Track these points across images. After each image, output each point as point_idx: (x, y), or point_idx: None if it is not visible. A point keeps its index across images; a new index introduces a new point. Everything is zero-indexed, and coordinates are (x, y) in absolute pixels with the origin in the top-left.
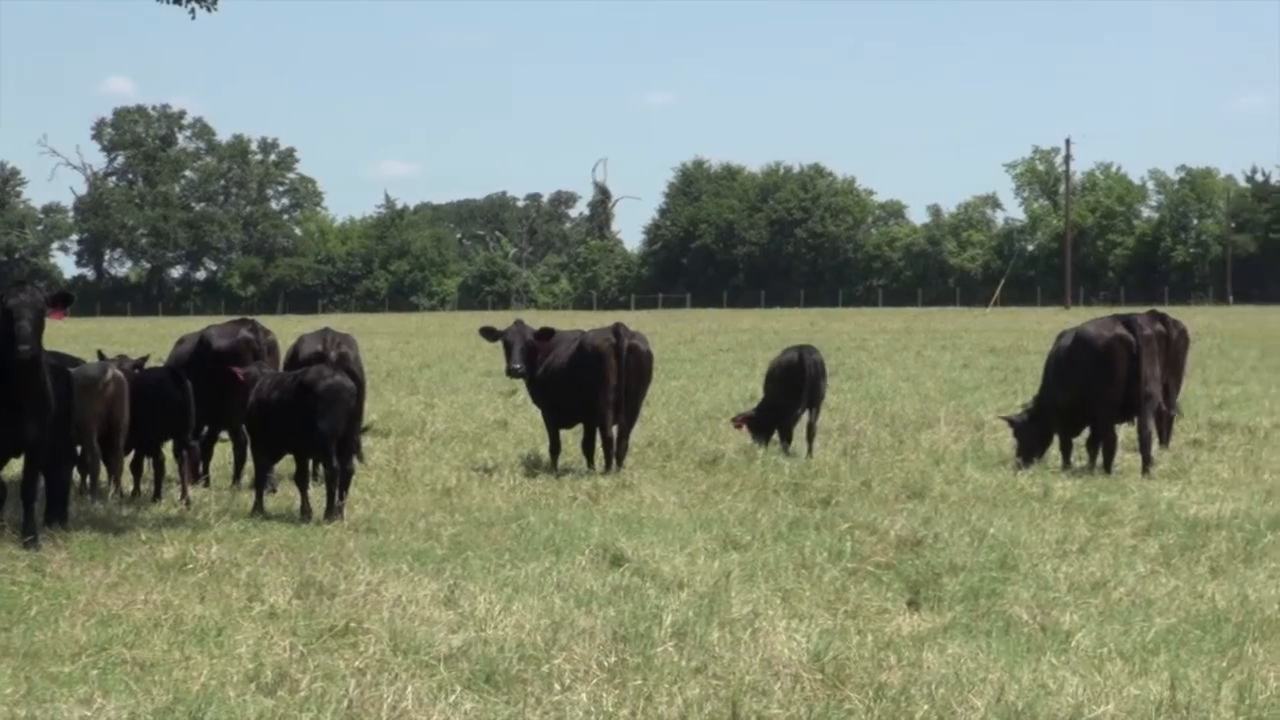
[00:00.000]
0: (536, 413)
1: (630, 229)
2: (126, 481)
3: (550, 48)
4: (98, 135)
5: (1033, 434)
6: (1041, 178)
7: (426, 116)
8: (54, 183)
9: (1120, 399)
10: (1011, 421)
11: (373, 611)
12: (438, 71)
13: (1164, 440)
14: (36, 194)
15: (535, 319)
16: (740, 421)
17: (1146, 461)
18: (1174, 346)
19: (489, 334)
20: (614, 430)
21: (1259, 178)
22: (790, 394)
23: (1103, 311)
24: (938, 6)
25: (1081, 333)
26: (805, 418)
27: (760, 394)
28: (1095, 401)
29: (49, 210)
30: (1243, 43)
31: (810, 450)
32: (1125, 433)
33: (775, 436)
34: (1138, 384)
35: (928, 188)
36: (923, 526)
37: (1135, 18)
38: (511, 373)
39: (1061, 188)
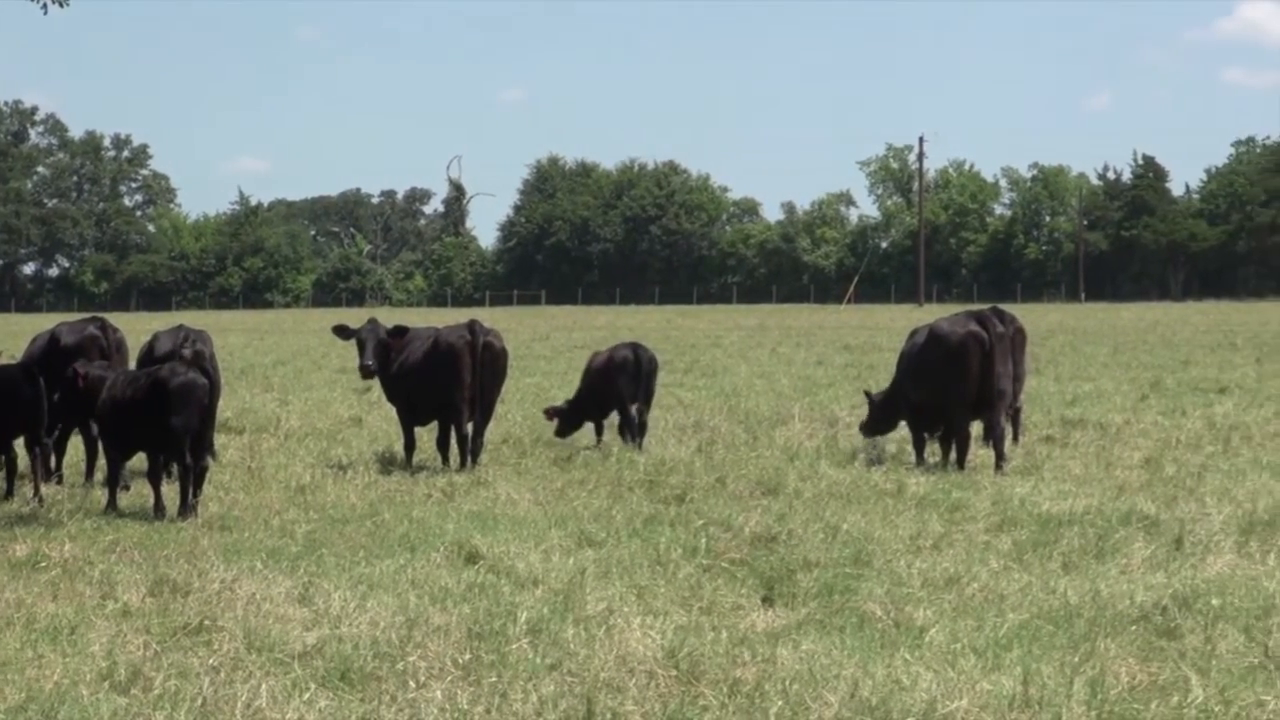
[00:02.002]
0: (392, 410)
1: (485, 226)
2: None
3: (404, 43)
4: None
5: (885, 411)
6: (895, 175)
7: (280, 113)
8: None
9: (973, 396)
10: (870, 395)
11: (227, 609)
12: (292, 68)
13: (1015, 437)
14: None
15: (390, 316)
16: (552, 414)
17: (999, 458)
18: (1011, 344)
19: (342, 332)
20: (469, 427)
21: (1110, 175)
22: (624, 390)
23: (956, 309)
24: (791, 3)
25: (934, 329)
26: (636, 414)
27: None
28: (948, 398)
29: None
30: (1094, 41)
31: (640, 445)
32: (978, 429)
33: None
34: (990, 381)
35: (782, 185)
36: (777, 523)
37: (987, 16)
38: (364, 371)
39: (915, 185)
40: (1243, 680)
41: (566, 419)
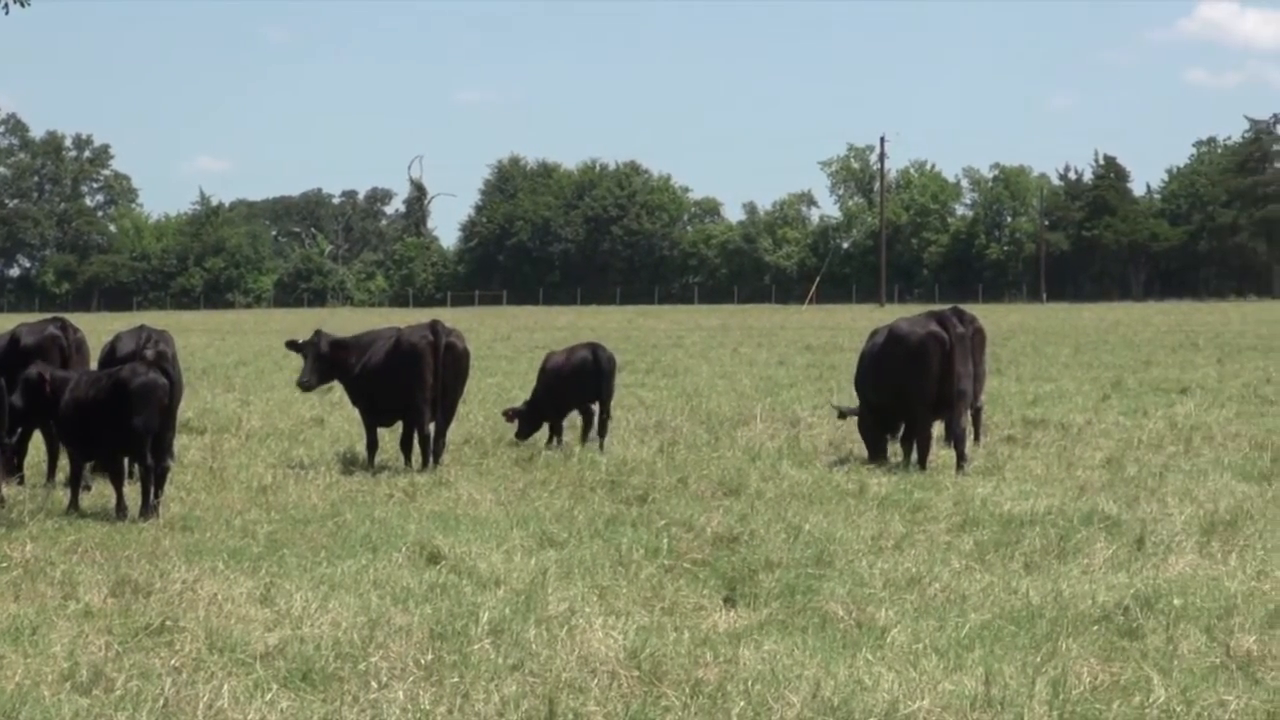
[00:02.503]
0: (355, 411)
1: (446, 226)
2: None
3: (365, 43)
4: None
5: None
6: (856, 175)
7: (242, 113)
8: None
9: (934, 396)
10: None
11: (188, 610)
12: (253, 68)
13: (976, 437)
14: None
15: (351, 317)
16: (511, 415)
17: (961, 458)
18: (971, 344)
19: (293, 346)
20: (431, 428)
21: (1071, 176)
22: (584, 391)
23: (918, 309)
24: (752, 4)
25: (894, 329)
26: (597, 413)
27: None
28: (909, 398)
29: None
30: (1056, 42)
31: (601, 445)
32: (940, 429)
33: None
34: (950, 381)
35: (743, 185)
36: (739, 523)
37: (949, 15)
38: (301, 386)
39: (876, 185)
40: (1204, 680)
41: (525, 420)
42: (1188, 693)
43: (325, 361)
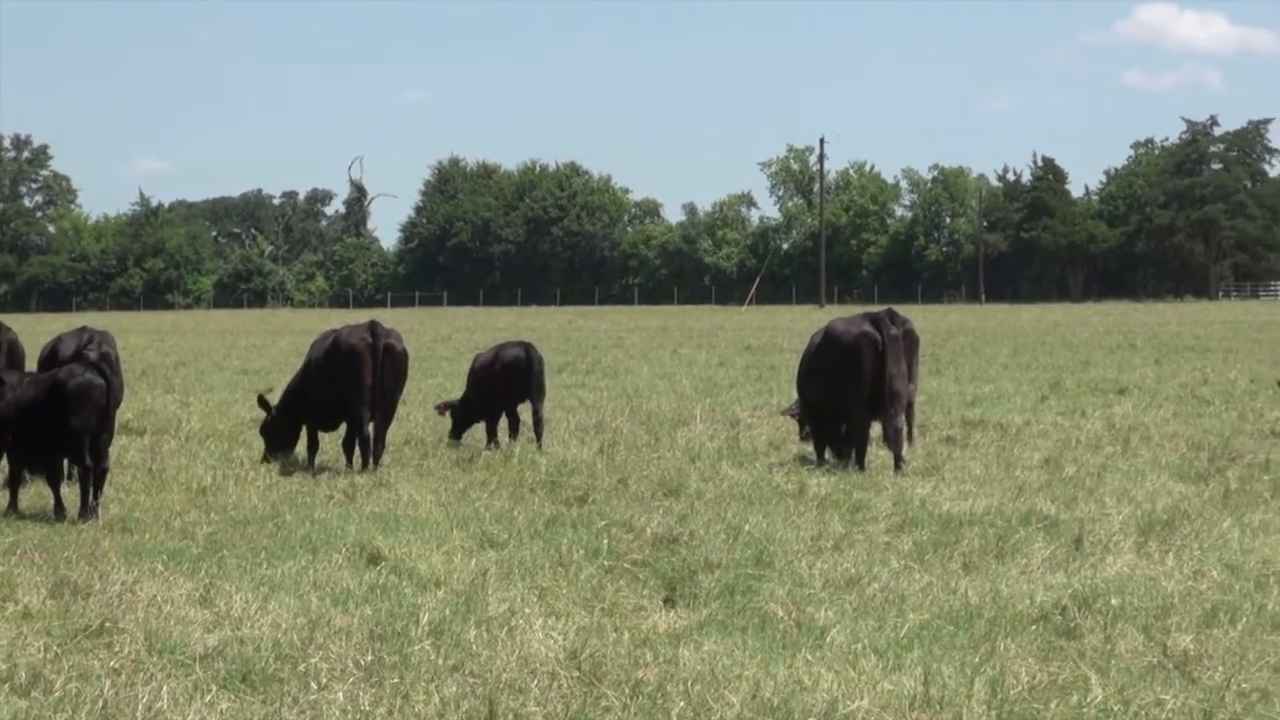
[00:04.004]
0: None
1: (387, 227)
2: None
3: (305, 44)
4: None
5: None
6: (796, 176)
7: (181, 114)
8: None
9: (868, 396)
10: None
11: (128, 611)
12: (193, 68)
13: (909, 438)
14: None
15: (292, 317)
16: (444, 408)
17: (897, 459)
18: (905, 345)
19: None
20: (370, 429)
21: (1010, 177)
22: (515, 390)
23: (858, 310)
24: (692, 5)
25: (830, 330)
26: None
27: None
28: (843, 397)
29: None
30: (994, 44)
31: (540, 446)
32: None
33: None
34: (883, 381)
35: (683, 186)
36: (679, 524)
37: (887, 17)
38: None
39: (816, 186)
40: (1141, 679)
41: (458, 419)
42: (1125, 692)
43: None
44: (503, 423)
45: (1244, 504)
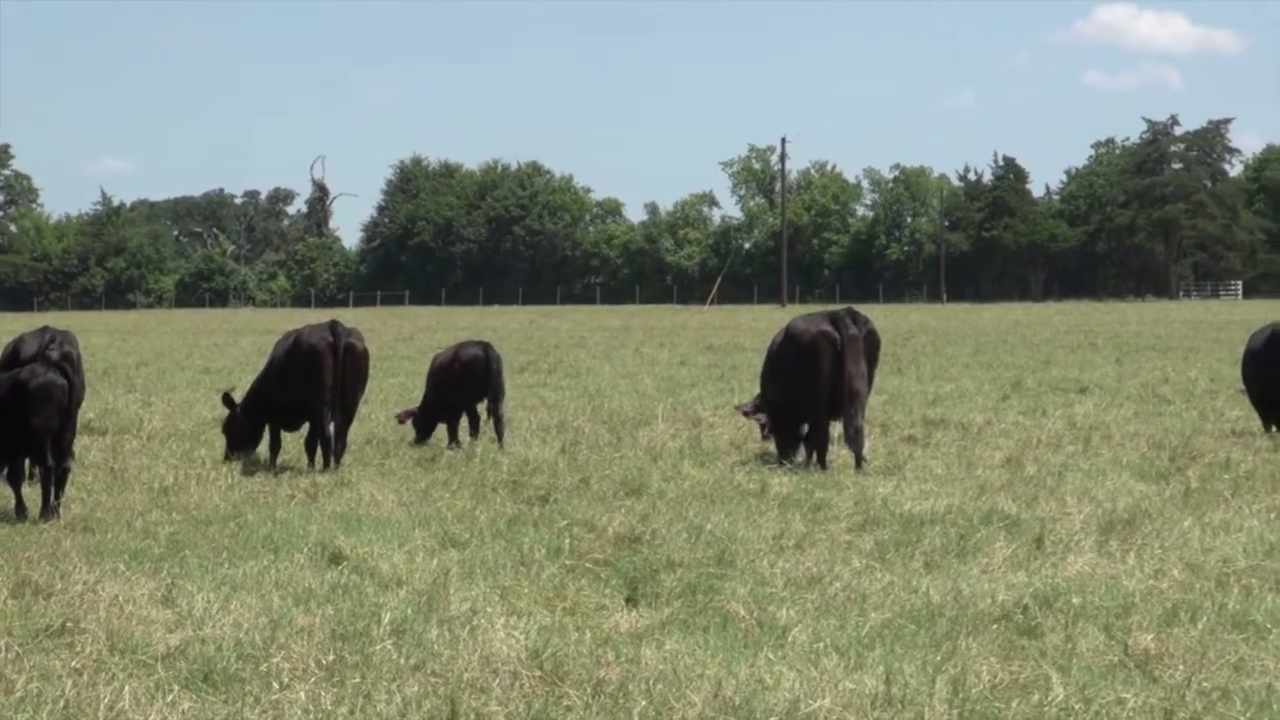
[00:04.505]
0: None
1: (349, 226)
2: None
3: (268, 43)
4: None
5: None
6: (758, 176)
7: (143, 113)
8: None
9: (827, 395)
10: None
11: (89, 611)
12: (155, 67)
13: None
14: None
15: (254, 316)
16: (404, 417)
17: (858, 459)
18: (865, 345)
19: None
20: (331, 428)
21: (971, 177)
22: (474, 390)
23: (819, 309)
24: (653, 5)
25: (790, 329)
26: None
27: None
28: (802, 396)
29: None
30: (955, 43)
31: (501, 445)
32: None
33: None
34: (842, 380)
35: (645, 186)
36: (641, 523)
37: (848, 16)
38: None
39: (777, 186)
40: (1102, 678)
41: (420, 425)
42: (1086, 691)
43: None
44: (464, 423)
45: (1205, 503)
